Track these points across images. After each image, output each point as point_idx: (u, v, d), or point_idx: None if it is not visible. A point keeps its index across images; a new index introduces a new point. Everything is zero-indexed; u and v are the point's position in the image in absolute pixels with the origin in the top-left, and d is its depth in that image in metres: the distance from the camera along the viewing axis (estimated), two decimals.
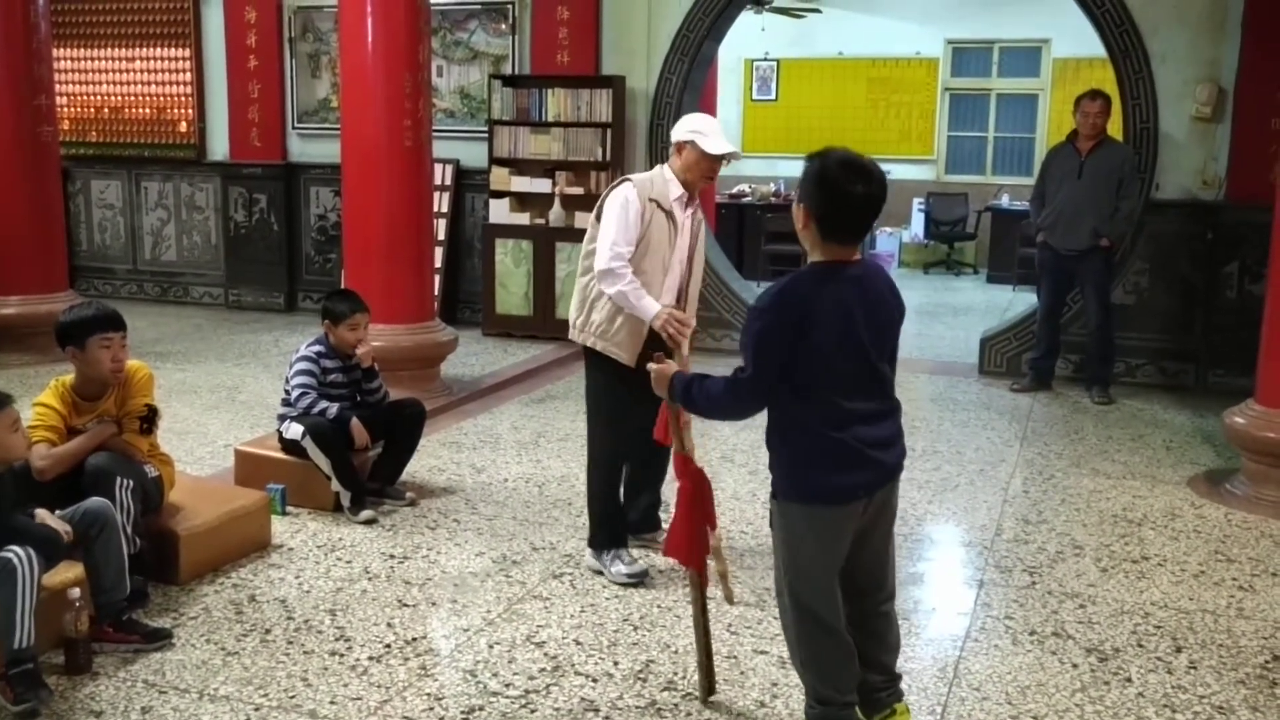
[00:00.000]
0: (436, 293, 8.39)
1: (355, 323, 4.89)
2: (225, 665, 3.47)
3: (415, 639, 3.68)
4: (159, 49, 9.94)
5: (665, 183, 4.14)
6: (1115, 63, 7.28)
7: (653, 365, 3.01)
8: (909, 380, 7.60)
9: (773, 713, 3.25)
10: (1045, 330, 7.24)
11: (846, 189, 2.68)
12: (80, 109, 10.32)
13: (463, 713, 3.22)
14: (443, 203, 8.91)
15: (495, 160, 8.66)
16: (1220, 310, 7.18)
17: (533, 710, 3.24)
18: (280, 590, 4.03)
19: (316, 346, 4.91)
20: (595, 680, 3.42)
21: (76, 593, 3.39)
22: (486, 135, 8.72)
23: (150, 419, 3.99)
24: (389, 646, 3.62)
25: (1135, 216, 7.08)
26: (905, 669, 3.51)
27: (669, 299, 4.12)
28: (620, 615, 3.87)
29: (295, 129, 9.63)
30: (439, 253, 8.69)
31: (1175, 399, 7.08)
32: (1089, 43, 8.14)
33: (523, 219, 8.57)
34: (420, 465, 5.35)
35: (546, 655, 3.57)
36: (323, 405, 4.76)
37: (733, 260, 9.39)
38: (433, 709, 3.24)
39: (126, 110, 10.18)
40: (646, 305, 3.97)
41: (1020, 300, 10.52)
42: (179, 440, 5.69)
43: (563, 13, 8.51)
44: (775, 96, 14.34)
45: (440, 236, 8.80)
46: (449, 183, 9.01)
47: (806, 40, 13.54)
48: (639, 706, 3.26)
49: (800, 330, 2.69)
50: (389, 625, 3.77)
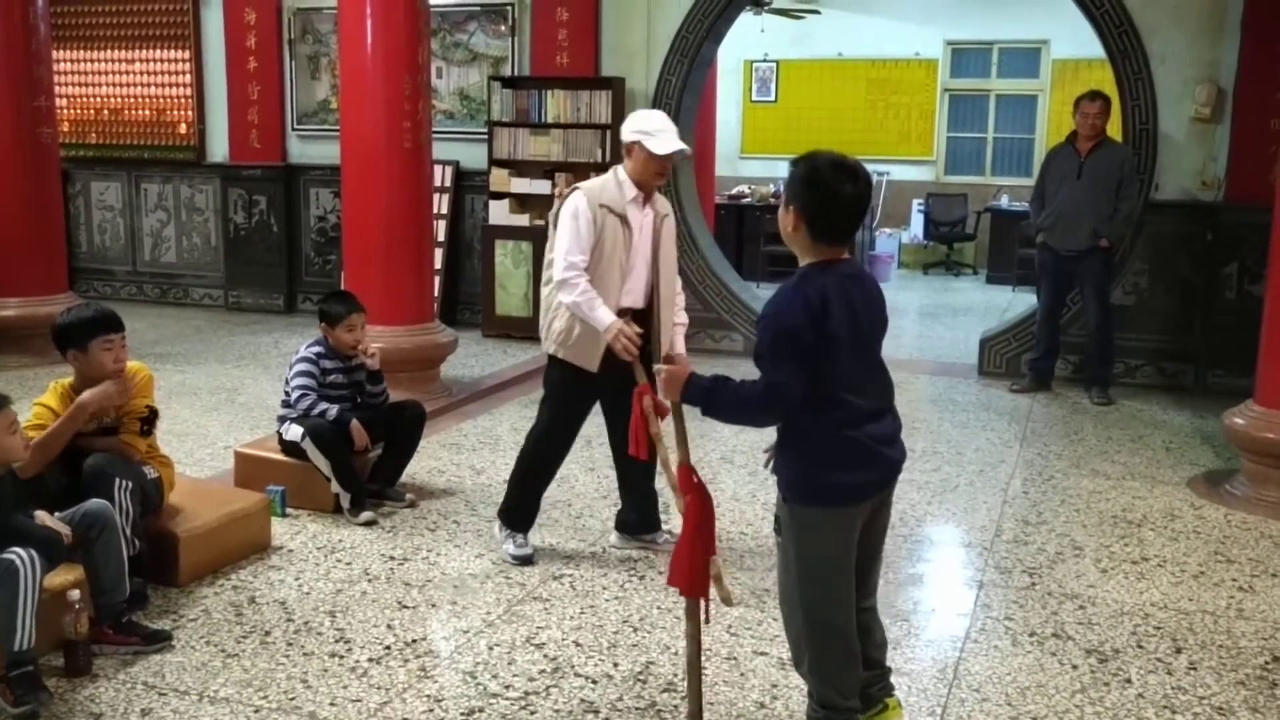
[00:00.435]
0: (436, 294, 8.40)
1: (352, 324, 4.88)
2: (225, 667, 3.47)
3: (415, 640, 3.68)
4: (159, 51, 9.94)
5: (618, 185, 4.11)
6: (1114, 64, 7.28)
7: (662, 367, 2.88)
8: (909, 381, 7.60)
9: (772, 714, 3.25)
10: (1045, 331, 7.24)
11: (837, 189, 2.69)
12: (80, 111, 10.33)
13: (462, 714, 3.22)
14: (442, 204, 8.91)
15: (495, 162, 8.67)
16: (1220, 311, 7.18)
17: (532, 712, 3.24)
18: (280, 592, 4.03)
19: (316, 348, 4.91)
20: (595, 682, 3.42)
21: (76, 594, 3.39)
22: (486, 137, 8.72)
23: (150, 420, 4.00)
24: (389, 648, 3.62)
25: (1135, 217, 7.08)
26: (905, 670, 3.52)
27: (632, 300, 4.12)
28: (620, 617, 3.87)
29: (295, 130, 9.64)
30: (439, 254, 8.69)
31: (1175, 400, 7.08)
32: (1088, 44, 8.15)
33: (522, 220, 8.57)
34: (420, 467, 5.35)
35: (546, 657, 3.58)
36: (322, 407, 4.76)
37: (732, 261, 9.39)
38: (432, 711, 3.24)
39: (126, 112, 10.18)
40: (600, 315, 3.98)
41: (1020, 301, 10.52)
42: (179, 442, 5.69)
43: (562, 14, 8.51)
44: (775, 98, 14.35)
45: (440, 238, 8.80)
46: (448, 184, 9.01)
47: (806, 41, 13.55)
48: (638, 708, 3.26)
49: (821, 327, 2.67)
50: (389, 627, 3.77)
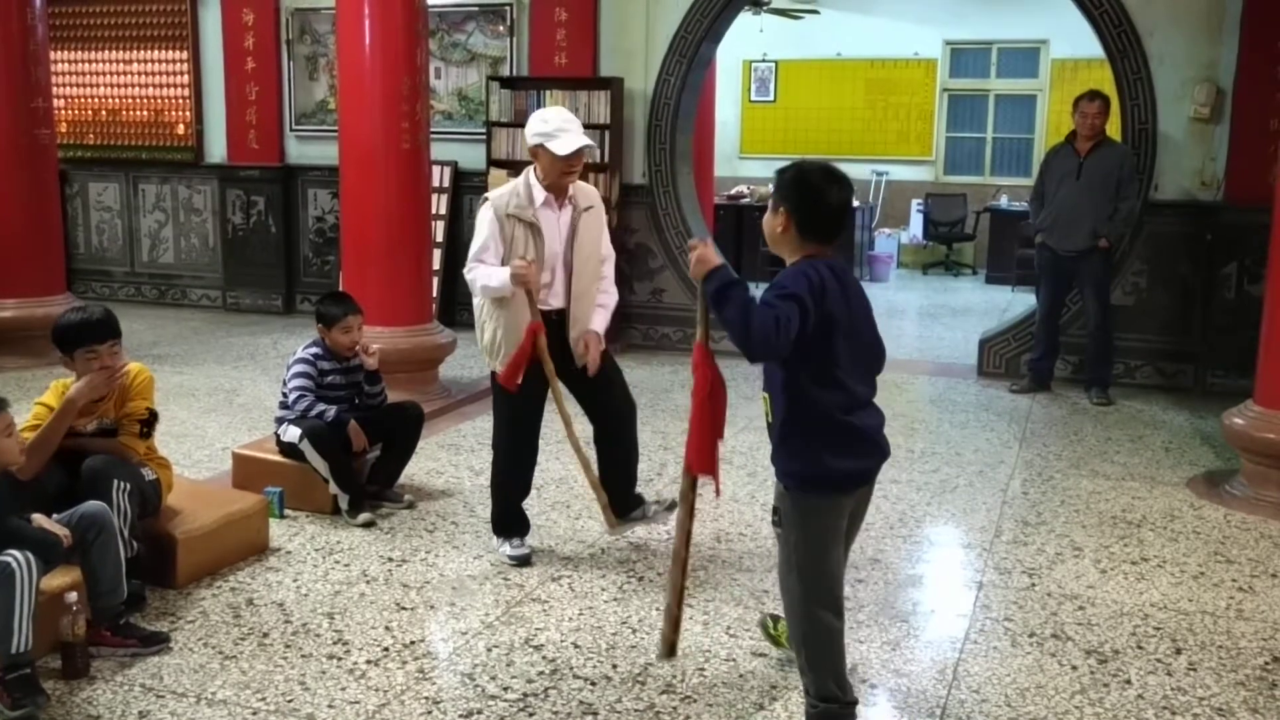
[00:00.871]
0: (434, 295, 8.39)
1: (348, 325, 4.87)
2: (223, 669, 3.46)
3: (413, 642, 3.67)
4: (156, 51, 9.93)
5: (528, 189, 4.11)
6: (1114, 63, 7.28)
7: (695, 242, 2.87)
8: (908, 381, 7.60)
9: (772, 715, 3.24)
10: (1044, 331, 7.23)
11: (825, 191, 2.89)
12: (78, 111, 10.32)
13: (461, 716, 3.21)
14: (441, 205, 8.91)
15: (493, 162, 8.65)
16: (1219, 311, 7.18)
17: (531, 713, 3.23)
18: (278, 594, 4.03)
19: (314, 349, 4.90)
20: (594, 683, 3.41)
21: (74, 596, 3.38)
22: (485, 137, 8.72)
23: (149, 422, 3.98)
24: (387, 650, 3.61)
25: (1134, 217, 7.08)
26: (904, 671, 3.52)
27: (558, 301, 4.18)
28: (619, 618, 3.86)
29: (293, 131, 9.63)
30: (437, 255, 8.69)
31: (1174, 400, 7.08)
32: (1087, 43, 8.14)
33: None
34: (418, 468, 5.34)
35: (545, 658, 3.57)
36: (320, 408, 4.75)
37: (731, 261, 9.33)
38: (431, 712, 3.23)
39: (124, 113, 10.17)
40: (498, 275, 4.03)
41: (1019, 301, 10.52)
42: (177, 443, 5.69)
43: (561, 14, 8.50)
44: (774, 98, 14.35)
45: (438, 238, 8.79)
46: (447, 185, 9.00)
47: (805, 41, 13.54)
48: (637, 710, 3.26)
49: (821, 305, 2.79)
50: (387, 628, 3.76)
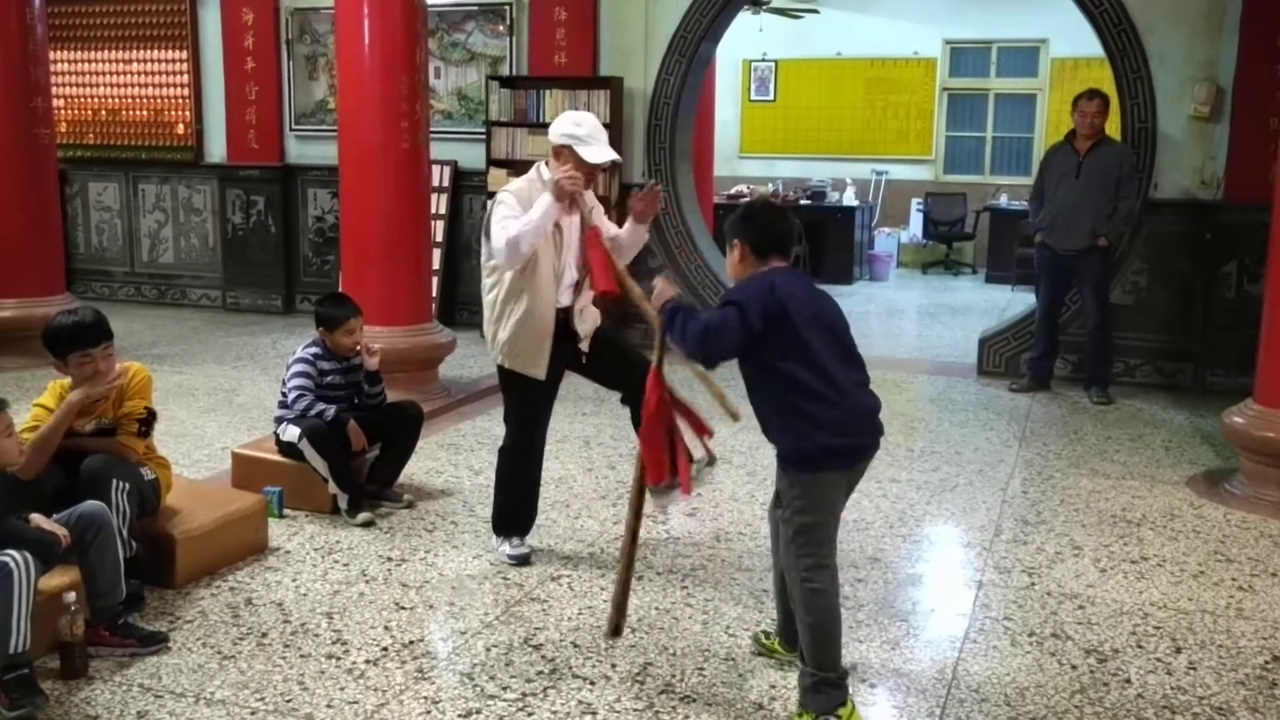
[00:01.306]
0: (434, 294, 8.38)
1: (350, 328, 4.86)
2: (221, 669, 3.46)
3: (412, 642, 3.67)
4: (156, 51, 9.93)
5: (544, 187, 4.01)
6: (1113, 62, 7.27)
7: (659, 280, 3.25)
8: (907, 381, 7.60)
9: (770, 715, 3.24)
10: (1044, 330, 7.23)
11: (770, 220, 3.23)
12: (77, 111, 10.32)
13: (460, 716, 3.21)
14: (440, 204, 8.90)
15: (493, 162, 8.65)
16: (1219, 310, 7.17)
17: (530, 713, 3.23)
18: (277, 593, 4.02)
19: (313, 349, 4.90)
20: (593, 683, 3.41)
21: (72, 596, 3.38)
22: (484, 137, 8.71)
23: (148, 422, 3.98)
24: (386, 649, 3.61)
25: (1133, 216, 7.07)
26: (903, 670, 3.51)
27: (566, 299, 4.14)
28: None
29: (293, 131, 9.63)
30: (437, 254, 8.69)
31: (1174, 399, 7.08)
32: (1087, 42, 8.14)
33: None
34: (418, 467, 5.34)
35: (544, 658, 3.56)
36: (320, 408, 4.75)
37: None
38: (429, 712, 3.23)
39: (124, 112, 10.17)
40: (538, 208, 3.88)
41: (1019, 300, 10.51)
42: (176, 443, 5.68)
43: (560, 14, 8.50)
44: (773, 97, 14.34)
45: (438, 238, 8.79)
46: (447, 184, 9.00)
47: (804, 40, 13.54)
48: (636, 709, 3.25)
49: (780, 306, 3.03)
50: (386, 628, 3.76)
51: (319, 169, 9.41)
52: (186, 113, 9.89)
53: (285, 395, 4.83)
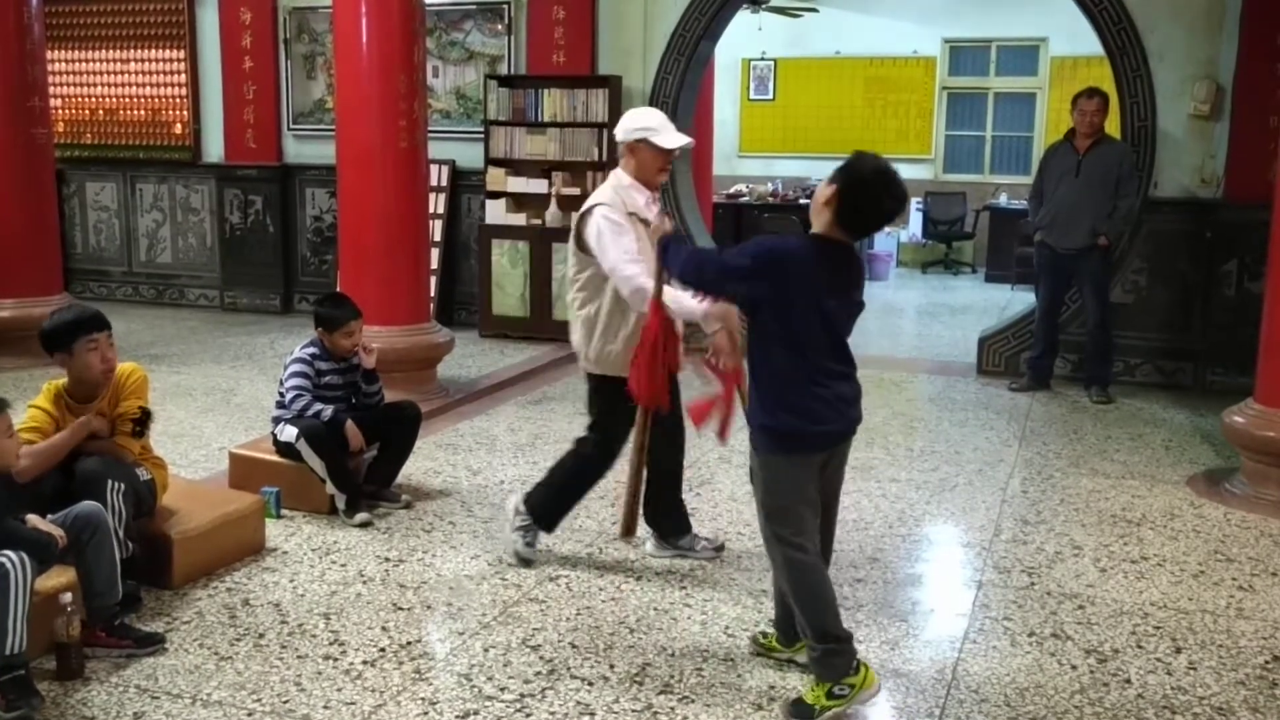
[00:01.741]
0: (433, 294, 8.37)
1: (350, 330, 4.85)
2: (218, 670, 3.45)
3: (410, 643, 3.66)
4: (154, 50, 9.92)
5: (629, 191, 4.07)
6: (1113, 61, 7.26)
7: (658, 217, 3.54)
8: (907, 380, 7.59)
9: (770, 715, 3.22)
10: (1043, 329, 7.22)
11: (879, 194, 3.04)
12: (75, 111, 10.30)
13: (457, 717, 3.20)
14: (439, 204, 8.89)
15: (491, 161, 8.64)
16: (1219, 309, 7.17)
17: (528, 714, 3.21)
18: (274, 594, 4.01)
19: (311, 349, 4.88)
20: (591, 683, 3.39)
21: (68, 597, 3.37)
22: (482, 136, 8.70)
23: (143, 421, 3.96)
24: (383, 650, 3.59)
25: (1133, 215, 7.06)
26: (902, 670, 3.50)
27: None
28: (616, 618, 3.85)
29: (291, 130, 9.61)
30: (435, 254, 8.67)
31: (1174, 398, 7.06)
32: (1086, 41, 8.13)
33: (519, 220, 8.55)
34: (416, 467, 5.32)
35: (542, 659, 3.55)
36: (317, 408, 4.73)
37: None
38: (427, 713, 3.21)
39: (121, 112, 10.16)
40: (685, 303, 3.76)
41: (1018, 299, 10.50)
42: (174, 443, 5.67)
43: (559, 12, 8.49)
44: (772, 96, 14.33)
45: (436, 238, 8.78)
46: (445, 184, 8.99)
47: (804, 40, 13.53)
48: (635, 710, 3.24)
49: (782, 274, 3.05)
50: (384, 629, 3.74)
51: (317, 168, 9.39)
52: (184, 112, 9.88)
53: (283, 395, 4.82)
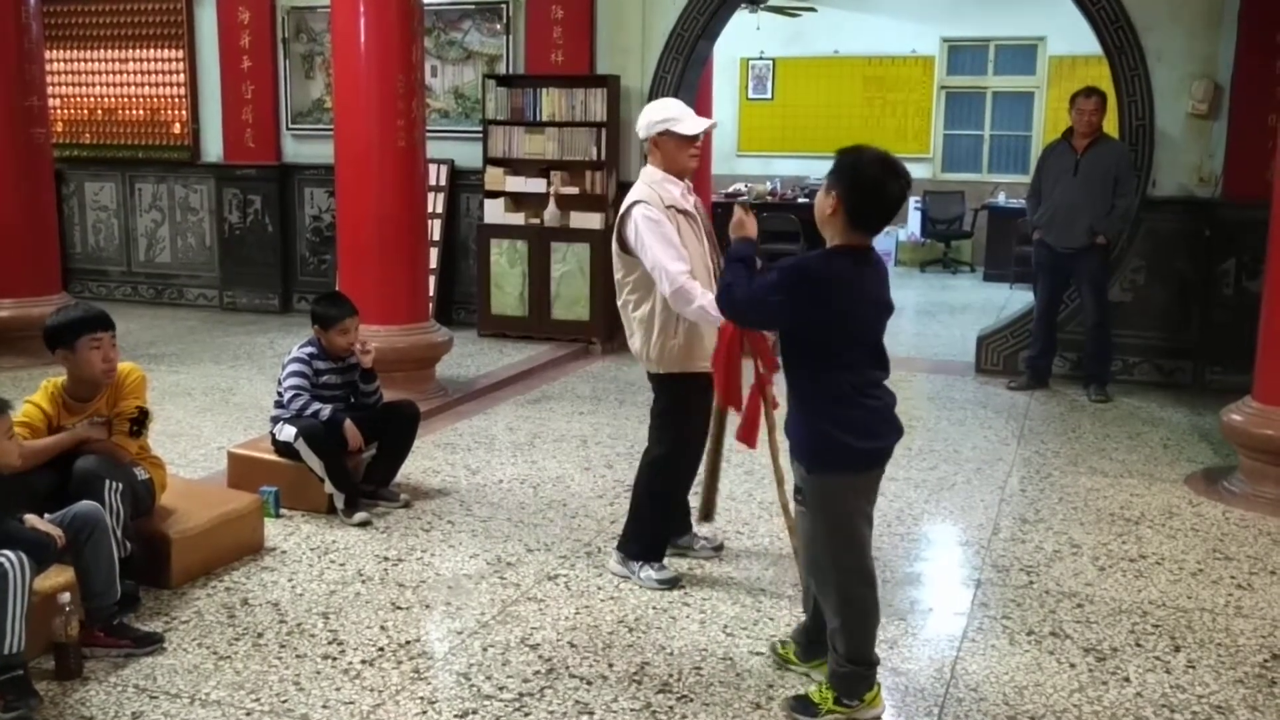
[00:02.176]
0: (431, 293, 8.36)
1: (345, 327, 4.85)
2: (217, 669, 3.45)
3: (409, 642, 3.66)
4: (152, 50, 9.91)
5: (663, 185, 4.04)
6: (1111, 60, 7.26)
7: (742, 206, 3.34)
8: (906, 379, 7.58)
9: (769, 715, 3.22)
10: (1042, 328, 7.22)
11: (881, 184, 2.93)
12: (73, 111, 10.30)
13: (456, 716, 3.19)
14: (437, 203, 8.89)
15: (490, 160, 8.64)
16: (1217, 307, 7.17)
17: (527, 713, 3.21)
18: (273, 594, 4.01)
19: (309, 348, 4.88)
20: (590, 683, 3.39)
21: (67, 597, 3.37)
22: (481, 135, 8.70)
23: (140, 421, 3.96)
24: (382, 650, 3.59)
25: (1131, 214, 7.06)
26: (901, 669, 3.50)
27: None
28: (615, 617, 3.85)
29: (289, 130, 9.61)
30: (434, 253, 8.67)
31: (1172, 397, 7.07)
32: (1085, 40, 8.13)
33: (518, 219, 8.54)
34: (415, 467, 5.32)
35: (541, 658, 3.55)
36: (316, 407, 4.73)
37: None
38: (426, 713, 3.21)
39: (120, 112, 10.15)
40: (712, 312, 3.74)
41: (1017, 298, 10.51)
42: (172, 443, 5.67)
43: (557, 12, 8.49)
44: (771, 95, 14.33)
45: (435, 237, 8.77)
46: (443, 183, 8.98)
47: (802, 39, 13.53)
48: (634, 709, 3.24)
49: (819, 300, 2.93)
50: (382, 628, 3.74)
51: (316, 168, 9.39)
52: (183, 112, 9.87)
53: (281, 395, 4.81)
